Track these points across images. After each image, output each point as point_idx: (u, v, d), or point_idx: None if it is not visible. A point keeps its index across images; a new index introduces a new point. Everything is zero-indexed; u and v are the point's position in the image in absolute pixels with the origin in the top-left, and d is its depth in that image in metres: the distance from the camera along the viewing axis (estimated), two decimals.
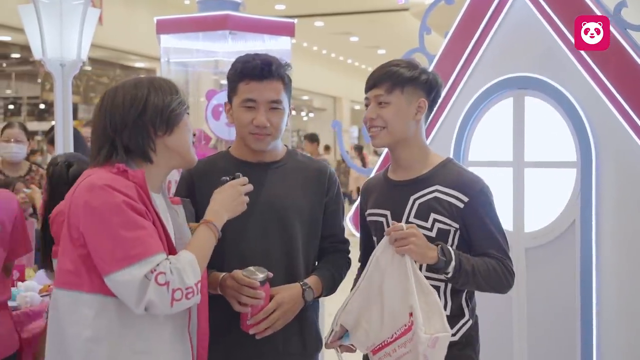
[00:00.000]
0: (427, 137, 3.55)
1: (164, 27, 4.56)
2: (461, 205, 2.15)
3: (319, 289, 2.22)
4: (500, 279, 2.13)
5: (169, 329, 1.79)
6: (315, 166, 2.34)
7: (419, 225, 2.15)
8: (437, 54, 3.60)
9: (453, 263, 2.05)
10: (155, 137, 1.83)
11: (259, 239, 2.16)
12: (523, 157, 3.35)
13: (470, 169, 3.44)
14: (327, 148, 18.13)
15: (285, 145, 2.35)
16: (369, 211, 2.33)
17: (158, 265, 1.66)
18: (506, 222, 3.33)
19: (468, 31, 3.50)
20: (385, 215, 2.24)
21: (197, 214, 2.13)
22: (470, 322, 2.22)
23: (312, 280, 2.21)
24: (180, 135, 1.86)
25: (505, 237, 2.21)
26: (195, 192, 2.22)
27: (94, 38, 4.60)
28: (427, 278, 2.09)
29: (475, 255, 2.16)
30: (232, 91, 2.23)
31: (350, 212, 3.83)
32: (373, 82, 2.21)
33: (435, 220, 2.16)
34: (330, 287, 2.28)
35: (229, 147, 2.39)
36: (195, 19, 4.52)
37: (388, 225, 2.23)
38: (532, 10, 3.32)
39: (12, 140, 4.72)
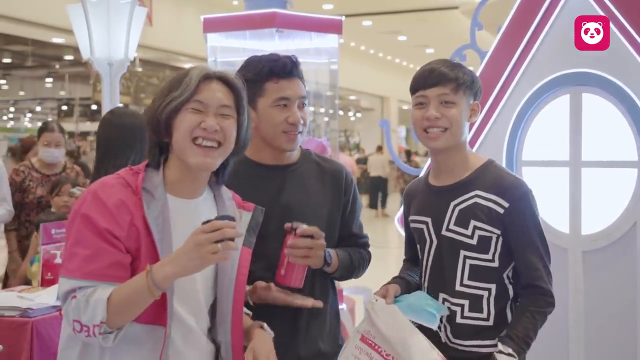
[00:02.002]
0: (478, 135, 3.50)
1: (211, 26, 4.53)
2: (501, 210, 2.08)
3: (335, 263, 2.18)
4: (546, 316, 2.13)
5: (142, 351, 1.74)
6: (332, 167, 2.30)
7: (459, 233, 2.10)
8: (490, 50, 3.49)
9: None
10: (157, 139, 1.81)
11: (281, 242, 2.08)
12: (580, 156, 3.22)
13: (524, 168, 3.35)
14: (379, 149, 18.05)
15: (300, 147, 2.29)
16: (411, 217, 2.28)
17: (79, 289, 1.67)
18: (562, 224, 3.22)
19: (522, 25, 3.37)
20: (426, 223, 2.20)
21: None
22: None
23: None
24: (176, 134, 1.78)
25: (546, 245, 2.12)
26: None
27: (145, 39, 4.61)
28: (471, 287, 2.10)
29: (516, 260, 2.11)
30: (256, 92, 2.13)
31: (398, 213, 3.77)
32: (437, 80, 2.10)
33: (475, 227, 2.09)
34: (346, 268, 2.24)
35: None
36: (242, 17, 4.49)
37: (429, 233, 2.18)
38: (591, 3, 3.18)
39: (53, 145, 4.80)
